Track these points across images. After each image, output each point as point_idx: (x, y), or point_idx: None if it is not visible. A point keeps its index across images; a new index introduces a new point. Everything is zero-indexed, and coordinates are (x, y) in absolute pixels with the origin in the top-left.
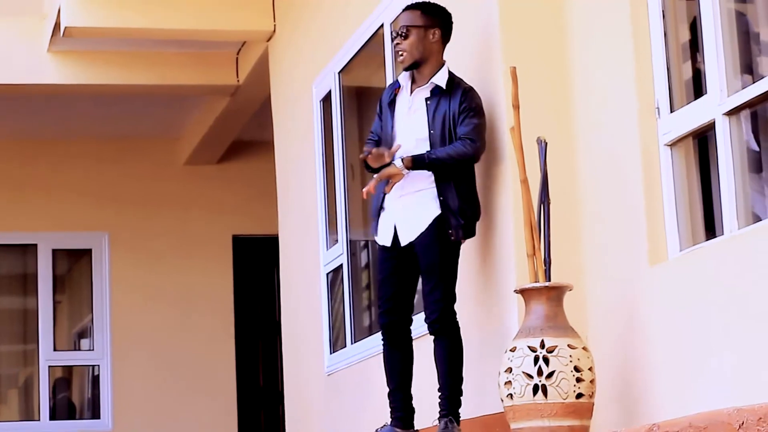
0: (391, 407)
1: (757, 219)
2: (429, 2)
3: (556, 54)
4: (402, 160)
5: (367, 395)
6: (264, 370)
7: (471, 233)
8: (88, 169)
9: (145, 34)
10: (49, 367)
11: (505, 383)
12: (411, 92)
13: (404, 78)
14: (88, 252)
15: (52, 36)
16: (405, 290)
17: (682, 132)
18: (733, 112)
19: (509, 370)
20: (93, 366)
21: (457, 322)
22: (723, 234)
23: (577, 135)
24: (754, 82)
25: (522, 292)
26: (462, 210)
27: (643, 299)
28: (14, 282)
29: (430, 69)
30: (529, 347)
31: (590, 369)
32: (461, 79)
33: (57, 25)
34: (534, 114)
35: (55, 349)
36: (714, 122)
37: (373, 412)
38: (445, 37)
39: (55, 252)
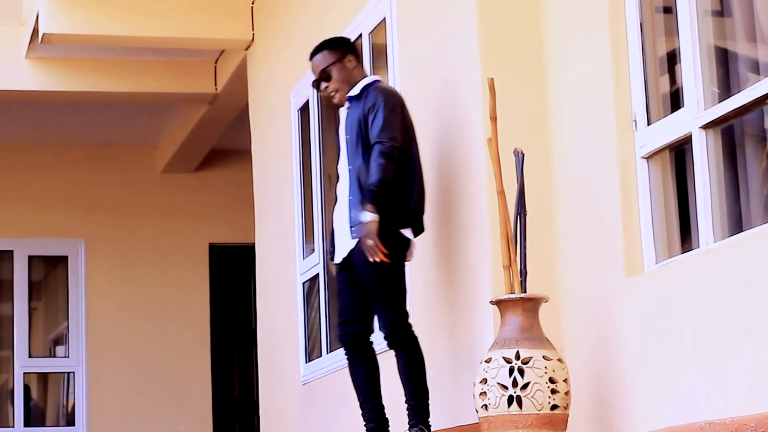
0: (363, 419)
1: (733, 232)
2: (327, 39)
3: (533, 66)
4: (365, 211)
5: (343, 404)
6: (239, 379)
7: (389, 229)
8: (66, 176)
9: (123, 41)
10: (24, 373)
11: (480, 394)
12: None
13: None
14: (64, 259)
15: (30, 42)
16: (359, 303)
17: (658, 145)
18: (709, 126)
19: (484, 380)
20: (68, 373)
21: (412, 334)
22: (699, 247)
23: (554, 147)
24: (730, 96)
25: (498, 303)
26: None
27: (618, 311)
28: None
29: None
30: (504, 358)
31: (565, 380)
32: (383, 86)
33: (35, 32)
34: (511, 125)
35: (30, 356)
36: (691, 135)
37: (348, 421)
38: (358, 57)
39: (31, 258)
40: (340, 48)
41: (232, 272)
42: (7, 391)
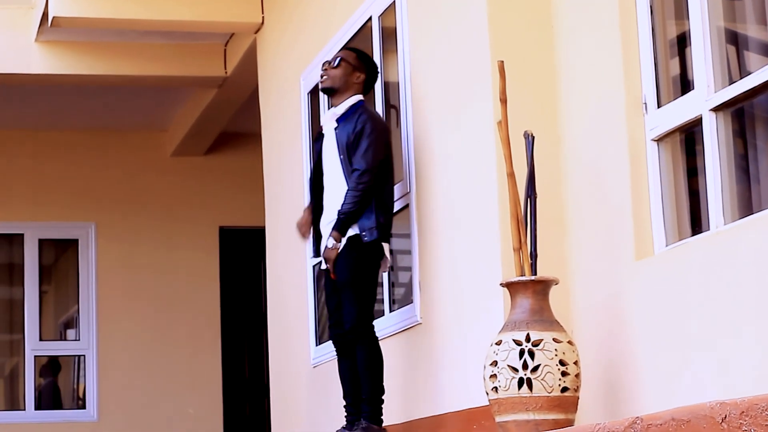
0: (345, 410)
1: (744, 214)
2: (366, 53)
3: (543, 48)
4: (330, 236)
5: None
6: (250, 362)
7: (375, 242)
8: (76, 159)
9: (133, 24)
10: (35, 356)
11: (491, 376)
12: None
13: (325, 116)
14: (74, 242)
15: (39, 26)
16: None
17: (669, 127)
18: (720, 108)
19: (494, 363)
20: (79, 356)
21: (373, 335)
22: (709, 229)
23: (564, 129)
24: (741, 78)
25: (508, 285)
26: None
27: (628, 294)
28: (0, 272)
29: (342, 101)
30: (514, 341)
31: (575, 363)
32: (370, 111)
33: (45, 15)
34: (521, 108)
35: (40, 339)
36: (701, 118)
37: None
38: (368, 84)
39: (41, 242)
40: (363, 64)
41: (243, 255)
42: (19, 374)
